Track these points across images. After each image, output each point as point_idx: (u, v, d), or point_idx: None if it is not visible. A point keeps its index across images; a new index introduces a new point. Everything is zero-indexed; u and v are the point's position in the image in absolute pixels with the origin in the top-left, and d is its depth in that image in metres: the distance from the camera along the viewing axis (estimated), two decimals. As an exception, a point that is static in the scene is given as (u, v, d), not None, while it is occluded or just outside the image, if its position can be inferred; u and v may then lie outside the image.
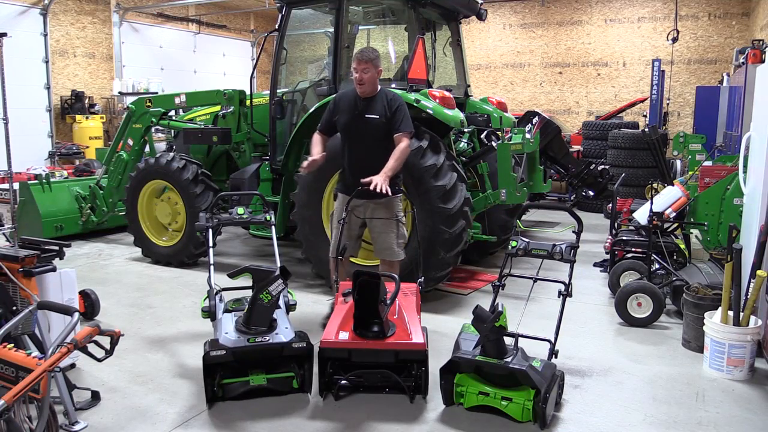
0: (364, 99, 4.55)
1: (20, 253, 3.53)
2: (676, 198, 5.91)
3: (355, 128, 4.55)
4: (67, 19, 13.51)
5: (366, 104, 4.54)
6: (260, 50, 7.28)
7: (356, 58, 4.44)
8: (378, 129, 4.54)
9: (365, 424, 3.40)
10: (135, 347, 4.47)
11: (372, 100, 4.55)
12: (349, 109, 4.57)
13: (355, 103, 4.57)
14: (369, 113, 4.54)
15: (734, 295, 3.98)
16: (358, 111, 4.54)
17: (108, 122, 14.29)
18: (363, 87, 4.48)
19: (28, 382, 2.47)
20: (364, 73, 4.43)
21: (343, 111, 4.59)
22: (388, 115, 4.50)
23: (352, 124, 4.56)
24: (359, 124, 4.53)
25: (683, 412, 3.56)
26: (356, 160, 4.59)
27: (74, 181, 8.38)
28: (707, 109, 10.76)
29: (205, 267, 6.12)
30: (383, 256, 4.72)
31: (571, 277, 3.71)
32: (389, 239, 4.64)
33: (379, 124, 4.53)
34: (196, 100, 7.31)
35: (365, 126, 4.52)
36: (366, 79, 4.45)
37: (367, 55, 4.43)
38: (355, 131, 4.56)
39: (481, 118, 6.35)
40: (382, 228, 4.62)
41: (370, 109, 4.54)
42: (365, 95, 4.53)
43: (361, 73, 4.43)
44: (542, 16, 15.42)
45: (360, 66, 4.42)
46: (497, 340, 3.38)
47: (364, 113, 4.53)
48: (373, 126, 4.53)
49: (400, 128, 4.46)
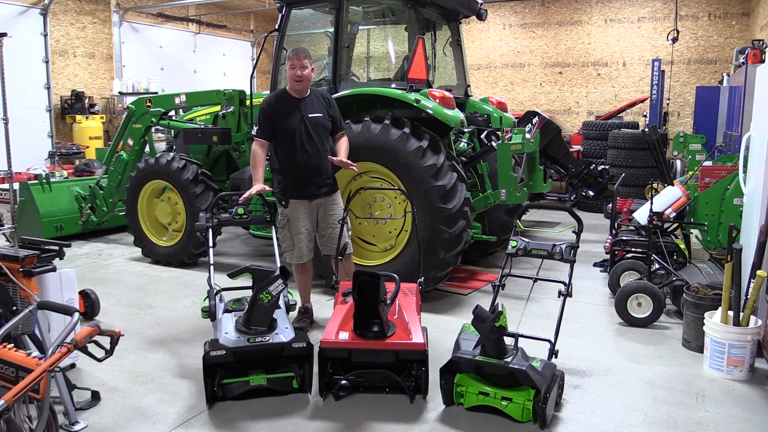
0: (299, 99, 4.54)
1: (20, 253, 3.53)
2: (676, 198, 5.91)
3: (300, 129, 4.50)
4: (67, 19, 13.51)
5: (304, 104, 4.54)
6: (260, 50, 7.28)
7: (294, 55, 4.41)
8: (324, 127, 4.60)
9: (365, 424, 3.40)
10: (135, 347, 4.47)
11: (308, 99, 4.57)
12: (288, 110, 4.53)
13: (292, 104, 4.53)
14: (311, 113, 4.55)
15: (734, 295, 3.99)
16: (299, 112, 4.51)
17: (108, 122, 14.29)
18: (302, 84, 4.49)
19: (28, 382, 2.47)
20: (303, 69, 4.44)
21: (281, 114, 4.52)
22: (330, 113, 4.62)
23: (295, 125, 4.50)
24: (304, 125, 4.51)
25: (683, 412, 3.57)
26: (305, 160, 4.54)
27: (74, 181, 8.38)
28: (707, 109, 10.75)
29: (205, 267, 6.12)
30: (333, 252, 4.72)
31: (571, 277, 3.71)
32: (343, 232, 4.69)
33: (323, 122, 4.59)
34: (196, 100, 7.31)
35: (311, 126, 4.52)
36: (305, 76, 4.47)
37: (305, 52, 4.45)
38: (300, 131, 4.50)
39: (481, 118, 6.35)
40: (337, 223, 4.63)
41: (311, 108, 4.56)
42: (302, 95, 4.54)
43: (300, 70, 4.43)
44: (542, 16, 15.42)
45: (299, 62, 4.41)
46: (497, 340, 3.38)
47: (308, 113, 4.53)
48: (319, 125, 4.57)
49: (342, 126, 4.74)
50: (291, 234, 4.63)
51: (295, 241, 4.62)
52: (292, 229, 4.61)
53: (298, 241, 4.62)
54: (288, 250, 4.68)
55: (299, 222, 4.60)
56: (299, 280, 4.84)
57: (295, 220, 4.60)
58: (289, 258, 4.69)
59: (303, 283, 4.86)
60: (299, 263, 4.71)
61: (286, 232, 4.64)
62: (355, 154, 4.88)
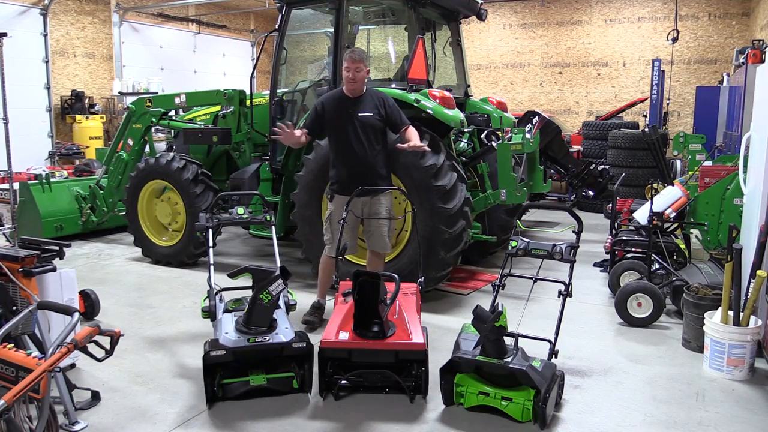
0: (353, 99, 4.61)
1: (20, 253, 3.53)
2: (676, 198, 5.91)
3: (349, 128, 4.59)
4: (67, 19, 13.50)
5: (356, 103, 4.61)
6: (260, 50, 7.28)
7: (349, 57, 4.53)
8: (373, 127, 4.63)
9: (365, 424, 3.40)
10: (135, 347, 4.47)
11: (361, 99, 4.63)
12: (339, 109, 4.63)
13: (344, 104, 4.63)
14: (362, 112, 4.62)
15: (734, 295, 3.98)
16: (349, 111, 4.59)
17: (108, 122, 14.27)
18: (355, 85, 4.57)
19: (28, 382, 2.47)
20: (357, 72, 4.53)
21: (331, 112, 4.64)
22: (383, 113, 4.64)
23: (345, 124, 4.60)
24: (353, 124, 4.58)
25: (683, 412, 3.57)
26: (353, 159, 4.64)
27: (74, 181, 8.38)
28: (707, 109, 10.75)
29: (205, 267, 6.12)
30: (377, 248, 4.84)
31: (571, 277, 3.71)
32: (383, 231, 4.80)
33: (373, 122, 4.62)
34: (196, 100, 7.31)
35: (360, 125, 4.58)
36: (359, 78, 4.55)
37: (359, 55, 4.55)
38: (349, 131, 4.59)
39: (481, 118, 6.35)
40: (379, 221, 4.72)
41: (362, 107, 4.62)
42: (355, 94, 4.62)
43: (354, 72, 4.53)
44: (542, 16, 15.42)
45: (353, 65, 4.52)
46: (497, 340, 3.38)
47: (357, 112, 4.60)
48: (368, 124, 4.61)
49: (403, 122, 4.72)
50: (332, 228, 4.75)
51: (334, 235, 4.69)
52: (333, 224, 4.73)
53: (338, 235, 4.66)
54: (328, 243, 4.81)
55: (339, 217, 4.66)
56: (324, 273, 4.92)
57: (337, 215, 4.67)
58: (329, 251, 4.81)
59: (326, 277, 4.93)
60: (330, 257, 4.80)
61: (329, 225, 4.80)
62: None
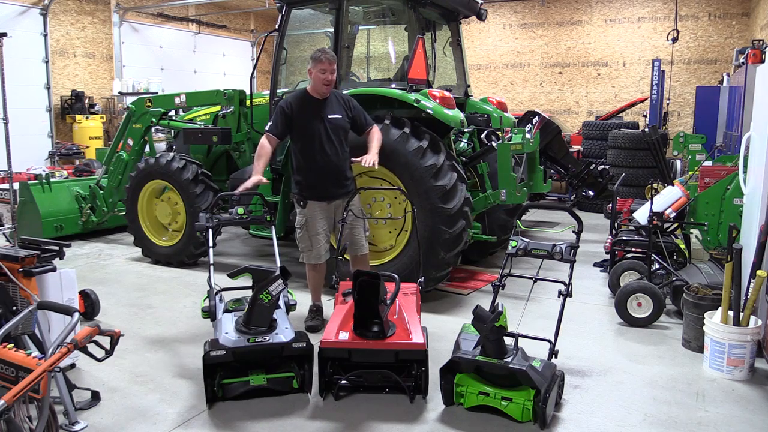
0: (320, 100, 4.54)
1: (20, 253, 3.53)
2: (676, 198, 5.91)
3: (320, 131, 4.51)
4: (67, 19, 13.51)
5: (324, 105, 4.54)
6: (260, 50, 7.28)
7: (326, 59, 4.41)
8: (343, 129, 4.60)
9: (365, 424, 3.40)
10: (135, 347, 4.47)
11: (328, 101, 4.57)
12: (307, 111, 4.52)
13: (312, 105, 4.53)
14: (331, 114, 4.56)
15: (734, 295, 3.98)
16: (318, 113, 4.51)
17: (108, 122, 14.29)
18: (329, 88, 4.51)
19: (28, 382, 2.47)
20: (331, 74, 4.46)
21: (301, 115, 4.52)
22: (350, 115, 4.62)
23: (315, 126, 4.51)
24: (324, 126, 4.51)
25: (683, 412, 3.57)
26: (325, 162, 4.55)
27: (74, 181, 8.38)
28: (707, 109, 10.75)
29: (205, 267, 6.12)
30: (356, 251, 4.81)
31: (571, 277, 3.71)
32: (360, 233, 4.76)
33: (342, 124, 4.59)
34: (196, 100, 7.31)
35: (331, 127, 4.53)
36: (333, 80, 4.50)
37: (333, 56, 4.47)
38: (319, 133, 4.51)
39: (481, 118, 6.35)
40: (354, 223, 4.68)
41: (330, 109, 4.56)
42: (322, 96, 4.56)
43: (329, 74, 4.45)
44: (542, 16, 15.42)
45: (330, 66, 4.43)
46: (497, 340, 3.38)
47: (327, 114, 4.53)
48: (339, 126, 4.57)
49: (368, 122, 4.72)
50: (309, 235, 4.66)
51: (313, 241, 4.65)
52: (310, 230, 4.65)
53: (316, 241, 4.65)
54: (305, 250, 4.71)
55: (317, 223, 4.63)
56: (313, 278, 4.87)
57: (312, 221, 4.63)
58: (307, 258, 4.72)
59: (316, 282, 4.90)
60: (311, 263, 4.74)
61: (304, 232, 4.68)
62: (355, 154, 4.87)
